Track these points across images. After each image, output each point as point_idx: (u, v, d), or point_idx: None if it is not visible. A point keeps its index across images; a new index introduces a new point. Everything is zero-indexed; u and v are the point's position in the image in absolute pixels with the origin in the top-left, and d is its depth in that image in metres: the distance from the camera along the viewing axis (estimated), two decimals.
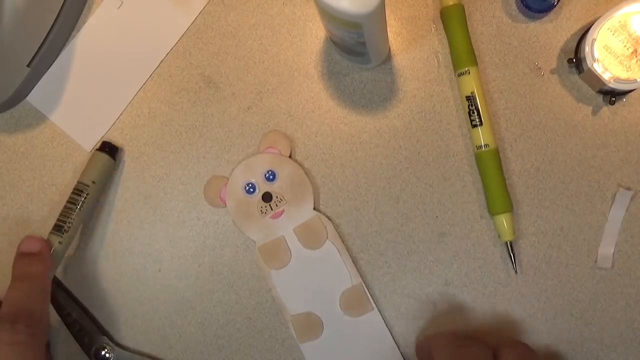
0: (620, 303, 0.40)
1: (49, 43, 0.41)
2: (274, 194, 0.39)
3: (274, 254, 0.39)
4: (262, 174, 0.39)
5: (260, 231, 0.40)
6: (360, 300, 0.39)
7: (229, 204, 0.40)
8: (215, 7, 0.42)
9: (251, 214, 0.39)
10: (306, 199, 0.39)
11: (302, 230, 0.39)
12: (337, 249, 0.39)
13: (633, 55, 0.37)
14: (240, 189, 0.39)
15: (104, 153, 0.40)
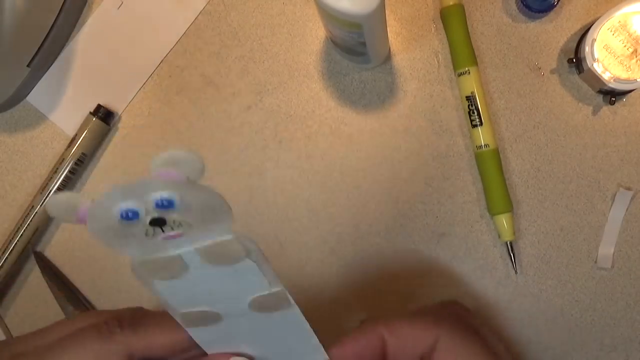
0: (620, 303, 0.40)
1: (49, 43, 0.41)
2: (171, 219, 0.25)
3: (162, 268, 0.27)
4: (152, 201, 0.24)
5: (142, 248, 0.26)
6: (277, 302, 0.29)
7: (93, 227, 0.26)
8: (215, 7, 0.42)
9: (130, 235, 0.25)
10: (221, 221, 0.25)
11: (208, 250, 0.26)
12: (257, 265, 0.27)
13: (633, 55, 0.37)
14: (113, 215, 0.25)
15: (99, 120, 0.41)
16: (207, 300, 0.28)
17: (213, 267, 0.26)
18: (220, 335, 0.30)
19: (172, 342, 0.30)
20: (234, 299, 0.28)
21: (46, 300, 0.42)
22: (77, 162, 0.41)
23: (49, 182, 0.41)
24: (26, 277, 0.42)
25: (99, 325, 0.29)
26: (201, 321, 0.29)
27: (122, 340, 0.29)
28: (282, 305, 0.28)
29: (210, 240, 0.25)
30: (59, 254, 0.42)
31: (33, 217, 0.41)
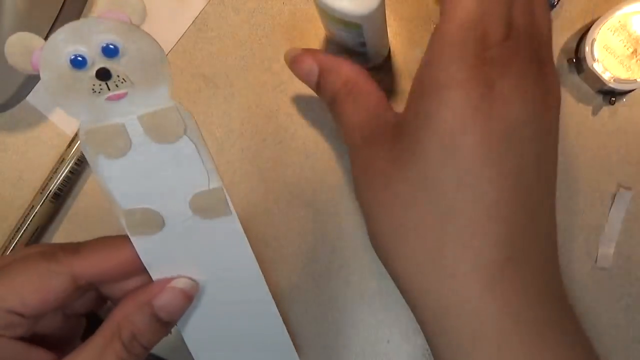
0: (620, 303, 0.40)
1: None
2: (115, 73, 0.27)
3: (106, 141, 0.29)
4: (98, 45, 0.26)
5: (89, 111, 0.28)
6: (216, 203, 0.30)
7: (45, 75, 0.27)
8: (215, 7, 0.42)
9: (76, 90, 0.27)
10: (161, 82, 0.28)
11: (150, 119, 0.29)
12: (196, 146, 0.29)
13: (633, 55, 0.37)
14: (63, 60, 0.27)
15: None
16: (150, 196, 0.30)
17: (155, 147, 0.29)
18: (163, 250, 0.31)
19: (115, 262, 0.30)
20: (175, 196, 0.30)
21: None
22: (77, 162, 0.41)
23: (49, 182, 0.41)
24: None
25: (43, 251, 0.30)
26: (144, 226, 0.30)
27: (65, 261, 0.29)
28: (222, 210, 0.30)
29: (152, 108, 0.28)
30: None
31: (33, 217, 0.41)
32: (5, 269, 0.29)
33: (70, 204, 0.42)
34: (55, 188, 0.41)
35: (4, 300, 0.28)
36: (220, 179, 0.30)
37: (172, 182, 0.30)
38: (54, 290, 0.29)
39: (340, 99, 0.32)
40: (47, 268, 0.29)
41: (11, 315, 0.28)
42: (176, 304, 0.30)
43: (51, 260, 0.29)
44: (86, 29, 0.26)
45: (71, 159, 0.41)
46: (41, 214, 0.41)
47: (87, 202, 0.42)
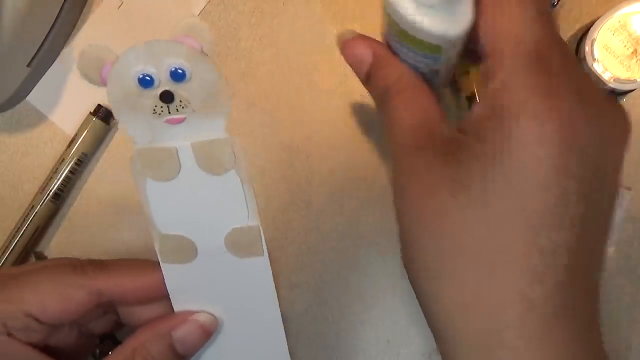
0: (620, 303, 0.40)
1: (49, 43, 0.41)
2: (178, 97, 0.28)
3: (157, 164, 0.29)
4: (168, 69, 0.27)
5: (146, 131, 0.29)
6: (251, 243, 0.30)
7: (111, 88, 0.28)
8: (215, 7, 0.42)
9: (139, 108, 0.28)
10: (219, 114, 0.29)
11: (202, 147, 0.29)
12: (241, 181, 0.29)
13: (633, 55, 0.37)
14: (131, 77, 0.28)
15: (99, 119, 0.41)
16: (188, 225, 0.30)
17: (202, 176, 0.29)
18: (190, 282, 0.31)
19: (140, 284, 0.30)
20: (212, 228, 0.30)
21: None
22: (77, 162, 0.41)
23: (49, 182, 0.41)
24: None
25: (72, 263, 0.30)
26: (177, 254, 0.30)
27: (92, 275, 0.29)
28: (256, 250, 0.30)
29: (206, 137, 0.29)
30: (59, 254, 0.42)
31: (33, 217, 0.41)
32: (31, 274, 0.29)
33: (70, 204, 0.42)
34: (55, 188, 0.41)
35: (25, 303, 0.28)
36: (258, 218, 0.30)
37: (212, 213, 0.30)
38: (76, 302, 0.28)
39: (392, 95, 0.30)
40: (73, 279, 0.29)
41: (29, 320, 0.28)
42: (195, 338, 0.30)
43: (78, 272, 0.29)
44: (160, 50, 0.27)
45: (71, 159, 0.41)
46: (41, 214, 0.41)
47: (87, 202, 0.42)
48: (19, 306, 0.28)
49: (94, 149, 0.42)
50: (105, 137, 0.42)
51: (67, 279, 0.29)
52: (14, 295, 0.28)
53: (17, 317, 0.28)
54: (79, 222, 0.42)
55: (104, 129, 0.41)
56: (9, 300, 0.28)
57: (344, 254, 0.41)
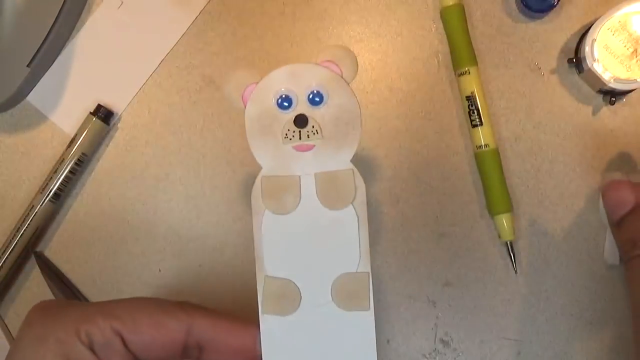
0: (620, 303, 0.40)
1: (49, 43, 0.41)
2: (312, 122, 0.29)
3: (279, 193, 0.29)
4: (307, 92, 0.29)
5: (273, 159, 0.29)
6: (358, 292, 0.29)
7: (250, 109, 0.29)
8: (215, 7, 0.42)
9: (272, 132, 0.29)
10: (348, 144, 0.29)
11: (326, 179, 0.29)
12: (358, 221, 0.29)
13: (633, 55, 0.37)
14: (271, 97, 0.29)
15: (99, 120, 0.41)
16: (296, 266, 0.29)
17: (319, 211, 0.29)
18: (287, 338, 0.29)
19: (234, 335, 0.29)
20: (320, 272, 0.29)
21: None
22: (77, 162, 0.41)
23: (49, 182, 0.41)
24: (26, 277, 0.42)
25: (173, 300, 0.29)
26: (279, 301, 0.29)
27: (190, 311, 0.28)
28: (362, 301, 0.29)
29: (330, 168, 0.29)
30: (59, 254, 0.42)
31: (33, 217, 0.41)
32: (132, 298, 0.28)
33: (70, 204, 0.42)
34: (55, 188, 0.41)
35: (116, 318, 0.26)
36: (369, 265, 0.29)
37: (323, 254, 0.29)
38: (169, 332, 0.27)
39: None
40: (171, 309, 0.28)
41: (116, 338, 0.26)
42: None
43: (177, 305, 0.28)
44: (302, 73, 0.29)
45: (71, 159, 0.41)
46: (41, 214, 0.41)
47: (87, 202, 0.42)
48: (109, 320, 0.26)
49: (94, 149, 0.42)
50: (105, 137, 0.42)
51: (165, 307, 0.28)
52: (108, 310, 0.27)
53: (104, 331, 0.26)
54: (79, 222, 0.42)
55: (104, 129, 0.41)
56: (101, 313, 0.26)
57: None
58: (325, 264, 0.29)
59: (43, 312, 0.27)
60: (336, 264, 0.29)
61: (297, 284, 0.29)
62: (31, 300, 0.42)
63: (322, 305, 0.29)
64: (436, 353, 0.41)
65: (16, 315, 0.42)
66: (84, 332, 0.26)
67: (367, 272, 0.29)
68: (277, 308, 0.29)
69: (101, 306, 0.27)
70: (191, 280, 0.42)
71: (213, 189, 0.42)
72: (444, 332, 0.41)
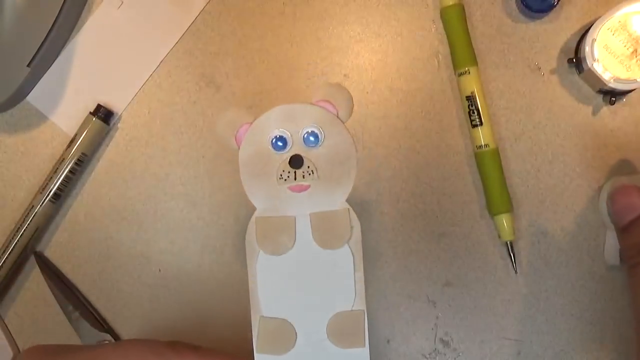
0: (620, 303, 0.40)
1: (49, 43, 0.41)
2: (307, 162, 0.29)
3: (274, 234, 0.29)
4: (302, 132, 0.29)
5: (268, 200, 0.29)
6: (354, 330, 0.29)
7: (244, 150, 0.29)
8: (215, 7, 0.42)
9: (266, 173, 0.29)
10: (343, 183, 0.29)
11: (321, 219, 0.29)
12: (354, 260, 0.29)
13: (633, 55, 0.37)
14: (266, 138, 0.29)
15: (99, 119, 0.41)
16: (291, 305, 0.30)
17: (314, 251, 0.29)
18: None
19: None
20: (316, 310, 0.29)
21: (46, 300, 0.42)
22: (77, 162, 0.41)
23: (49, 182, 0.41)
24: (26, 277, 0.42)
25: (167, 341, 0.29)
26: (275, 341, 0.29)
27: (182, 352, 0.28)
28: (357, 339, 0.29)
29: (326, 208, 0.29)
30: (59, 254, 0.42)
31: (33, 217, 0.41)
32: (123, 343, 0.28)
33: (70, 204, 0.42)
34: (55, 188, 0.41)
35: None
36: (365, 303, 0.29)
37: (318, 294, 0.29)
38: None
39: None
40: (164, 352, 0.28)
41: None
42: None
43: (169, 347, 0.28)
44: (297, 113, 0.28)
45: (71, 159, 0.41)
46: (41, 214, 0.41)
47: (87, 202, 0.42)
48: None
49: (93, 149, 0.42)
50: (105, 137, 0.42)
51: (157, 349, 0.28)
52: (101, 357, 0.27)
53: None
54: (79, 222, 0.42)
55: (104, 129, 0.41)
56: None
57: None
58: (320, 303, 0.29)
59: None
60: (331, 302, 0.29)
61: (292, 323, 0.30)
62: (31, 300, 0.42)
63: (318, 343, 0.29)
64: (436, 353, 0.41)
65: (16, 315, 0.42)
66: None
67: (362, 310, 0.29)
68: (272, 348, 0.29)
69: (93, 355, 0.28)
70: (191, 280, 0.42)
71: (213, 189, 0.42)
72: (444, 332, 0.41)
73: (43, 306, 0.42)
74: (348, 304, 0.29)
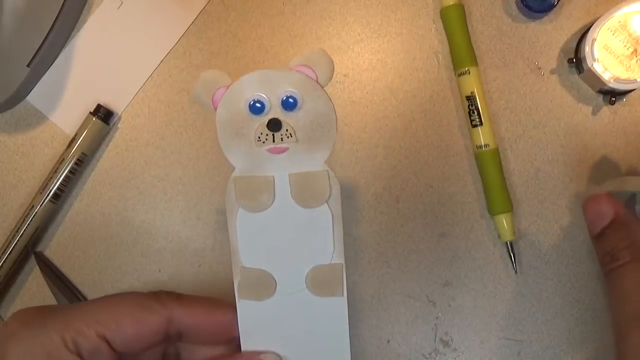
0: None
1: (49, 43, 0.41)
2: (285, 126, 0.29)
3: (252, 192, 0.30)
4: (280, 96, 0.28)
5: (247, 160, 0.30)
6: (332, 281, 0.30)
7: (220, 112, 0.29)
8: (215, 7, 0.42)
9: (244, 135, 0.29)
10: (322, 146, 0.29)
11: (299, 180, 0.29)
12: (332, 218, 0.29)
13: (633, 55, 0.37)
14: (243, 102, 0.29)
15: (99, 119, 0.41)
16: (271, 258, 0.30)
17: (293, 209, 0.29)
18: (263, 320, 0.30)
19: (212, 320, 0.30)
20: (295, 263, 0.30)
21: (46, 300, 0.42)
22: (77, 162, 0.41)
23: (49, 182, 0.41)
24: (26, 277, 0.42)
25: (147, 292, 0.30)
26: (255, 289, 0.30)
27: (167, 303, 0.29)
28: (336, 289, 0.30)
29: (304, 169, 0.29)
30: (59, 254, 0.42)
31: (33, 217, 0.41)
32: (107, 298, 0.29)
33: (70, 204, 0.42)
34: (55, 188, 0.41)
35: (100, 324, 0.27)
36: (343, 257, 0.30)
37: (298, 248, 0.30)
38: (150, 326, 0.28)
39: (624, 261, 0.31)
40: (149, 303, 0.29)
41: (102, 343, 0.27)
42: None
43: (154, 298, 0.29)
44: (275, 78, 0.28)
45: (71, 159, 0.41)
46: (41, 214, 0.41)
47: (87, 202, 0.42)
48: (93, 326, 0.27)
49: (94, 149, 0.42)
50: (105, 137, 0.42)
51: (143, 302, 0.29)
52: (90, 315, 0.28)
53: (90, 338, 0.27)
54: (79, 222, 0.42)
55: (104, 129, 0.41)
56: (84, 320, 0.27)
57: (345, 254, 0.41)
58: (299, 257, 0.30)
59: (25, 324, 0.27)
60: (310, 256, 0.30)
61: (272, 274, 0.30)
62: (31, 300, 0.42)
63: (297, 292, 0.30)
64: (436, 353, 0.41)
65: None
66: (70, 341, 0.26)
67: (341, 263, 0.30)
68: (253, 294, 0.30)
69: (82, 311, 0.28)
70: (191, 280, 0.42)
71: (213, 189, 0.42)
72: (444, 332, 0.41)
73: None
74: (327, 257, 0.30)
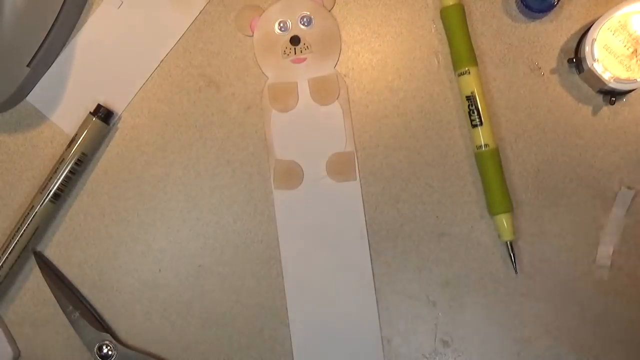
0: (620, 303, 0.40)
1: (49, 43, 0.41)
2: (303, 40, 0.40)
3: (282, 96, 0.40)
4: (298, 17, 0.40)
5: (276, 70, 0.40)
6: (346, 166, 0.40)
7: (257, 34, 0.40)
8: (215, 7, 0.42)
9: (274, 50, 0.40)
10: (331, 55, 0.40)
11: (316, 83, 0.40)
12: (342, 112, 0.40)
13: (633, 55, 0.37)
14: (273, 24, 0.40)
15: (99, 119, 0.41)
16: (297, 152, 0.40)
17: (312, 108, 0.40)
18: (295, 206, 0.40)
19: None
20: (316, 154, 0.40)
21: (46, 300, 0.42)
22: (77, 162, 0.41)
23: (49, 182, 0.41)
24: (26, 277, 0.42)
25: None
26: (286, 178, 0.40)
27: None
28: (350, 174, 0.40)
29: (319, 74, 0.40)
30: (59, 254, 0.42)
31: (33, 217, 0.41)
32: None
33: (70, 204, 0.42)
34: (55, 188, 0.41)
35: None
36: (354, 146, 0.40)
37: (317, 140, 0.40)
38: None
39: None
40: None
41: None
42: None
43: None
44: (294, 5, 0.41)
45: (71, 159, 0.41)
46: (41, 214, 0.41)
47: (87, 202, 0.42)
48: None
49: (93, 149, 0.42)
50: (105, 137, 0.42)
51: None
52: None
53: None
54: (79, 222, 0.42)
55: (104, 128, 0.41)
56: None
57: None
58: (319, 146, 0.40)
59: None
60: (328, 146, 0.40)
61: (299, 163, 0.40)
62: (31, 300, 0.42)
63: (319, 180, 0.40)
64: (436, 353, 0.41)
65: (16, 315, 0.42)
66: None
67: (352, 151, 0.40)
68: (285, 183, 0.40)
69: None
70: (191, 280, 0.42)
71: (213, 189, 0.42)
72: (444, 332, 0.41)
73: (43, 306, 0.42)
74: (340, 146, 0.40)
